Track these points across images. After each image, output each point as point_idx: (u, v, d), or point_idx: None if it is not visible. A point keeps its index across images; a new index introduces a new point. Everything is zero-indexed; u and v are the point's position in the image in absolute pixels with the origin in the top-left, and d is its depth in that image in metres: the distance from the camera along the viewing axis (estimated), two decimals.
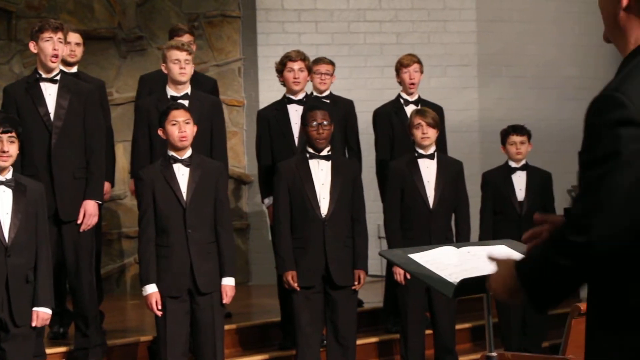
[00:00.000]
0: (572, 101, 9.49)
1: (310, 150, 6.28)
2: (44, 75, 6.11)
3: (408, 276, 6.39)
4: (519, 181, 7.19)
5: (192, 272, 5.73)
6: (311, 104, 6.51)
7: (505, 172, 7.24)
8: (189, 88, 6.48)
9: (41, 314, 5.31)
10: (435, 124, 6.54)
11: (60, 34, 6.06)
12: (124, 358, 6.55)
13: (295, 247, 6.23)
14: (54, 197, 5.97)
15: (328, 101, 7.12)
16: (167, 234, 5.74)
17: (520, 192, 7.16)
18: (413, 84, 7.26)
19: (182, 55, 6.37)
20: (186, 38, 7.13)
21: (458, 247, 3.76)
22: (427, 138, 6.54)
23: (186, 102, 6.29)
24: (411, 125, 6.59)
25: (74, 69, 6.76)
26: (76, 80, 6.42)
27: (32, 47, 6.12)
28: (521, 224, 7.03)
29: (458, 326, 6.93)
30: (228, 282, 5.82)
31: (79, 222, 6.06)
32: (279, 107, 6.94)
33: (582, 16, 9.89)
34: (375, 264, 7.89)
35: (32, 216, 5.34)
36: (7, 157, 5.30)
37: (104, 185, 6.42)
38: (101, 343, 6.26)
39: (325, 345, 6.34)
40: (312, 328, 6.21)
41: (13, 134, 5.32)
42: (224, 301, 5.83)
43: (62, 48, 6.15)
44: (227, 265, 5.83)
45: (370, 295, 7.67)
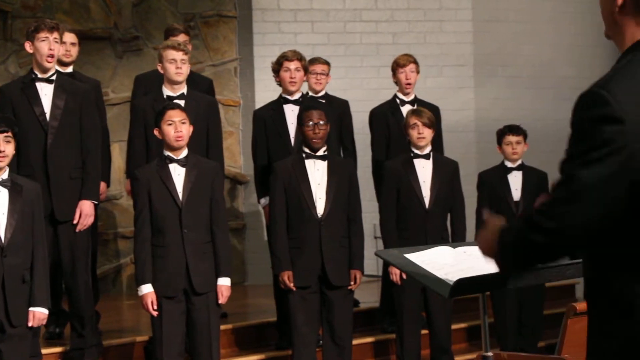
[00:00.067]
0: (568, 101, 9.34)
1: (306, 150, 6.28)
2: (40, 75, 6.11)
3: (404, 276, 6.39)
4: (515, 181, 7.19)
5: (188, 272, 5.72)
6: (307, 104, 6.51)
7: (501, 172, 7.24)
8: (185, 88, 6.47)
9: (37, 314, 5.31)
10: (431, 124, 6.54)
11: (56, 34, 6.06)
12: (120, 358, 6.55)
13: (291, 247, 6.22)
14: (50, 197, 5.97)
15: (324, 101, 7.12)
16: (163, 234, 5.74)
17: (516, 192, 7.16)
18: (409, 84, 7.26)
19: (179, 55, 6.37)
20: (182, 38, 7.13)
21: (454, 247, 3.76)
22: (423, 138, 6.54)
23: (182, 102, 6.29)
24: (407, 125, 6.59)
25: (70, 69, 6.76)
26: (72, 80, 6.42)
27: (28, 47, 6.12)
28: None
29: (454, 326, 6.93)
30: (224, 282, 5.82)
31: (75, 222, 6.06)
32: (275, 107, 6.94)
33: (578, 16, 9.89)
34: (371, 264, 7.88)
35: (29, 216, 5.33)
36: (3, 157, 5.29)
37: (100, 185, 6.41)
38: (97, 343, 6.26)
39: (321, 345, 6.34)
40: (308, 328, 6.21)
41: (9, 134, 5.32)
42: (220, 301, 5.83)
43: (58, 48, 6.14)
44: (223, 265, 5.83)
45: (366, 295, 7.67)
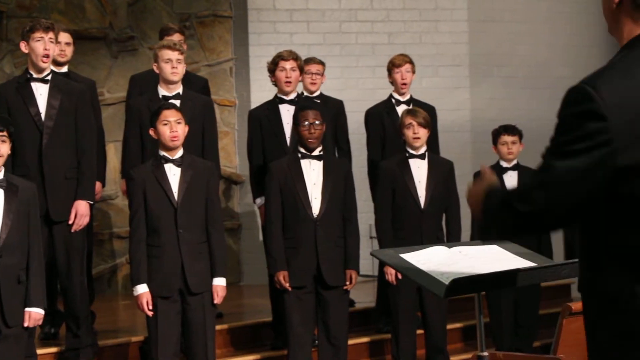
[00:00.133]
0: None
1: (301, 150, 6.28)
2: (35, 75, 6.10)
3: (399, 276, 6.39)
4: (511, 181, 7.19)
5: (183, 272, 5.72)
6: (303, 104, 6.50)
7: (496, 172, 7.20)
8: (181, 88, 6.47)
9: (33, 315, 5.30)
10: (426, 124, 6.54)
11: (51, 34, 6.05)
12: (115, 358, 6.54)
13: (286, 247, 6.22)
14: (45, 197, 5.96)
15: (319, 101, 7.12)
16: (158, 234, 5.73)
17: None
18: (405, 84, 7.26)
19: (174, 54, 6.36)
20: (176, 37, 7.12)
21: (449, 247, 3.76)
22: (418, 138, 6.54)
23: (178, 102, 6.29)
24: (402, 125, 6.59)
25: (64, 69, 6.75)
26: (67, 80, 6.41)
27: (23, 47, 6.11)
28: None
29: (449, 326, 6.93)
30: (219, 282, 5.82)
31: (71, 223, 6.05)
32: (271, 107, 6.93)
33: (574, 16, 9.90)
34: (366, 264, 7.88)
35: (24, 216, 5.32)
36: None
37: (95, 185, 6.41)
38: (92, 343, 6.25)
39: (316, 345, 6.34)
40: (304, 328, 6.21)
41: (4, 134, 5.31)
42: (215, 301, 5.82)
43: (53, 48, 6.14)
44: (218, 265, 5.82)
45: (361, 295, 7.67)
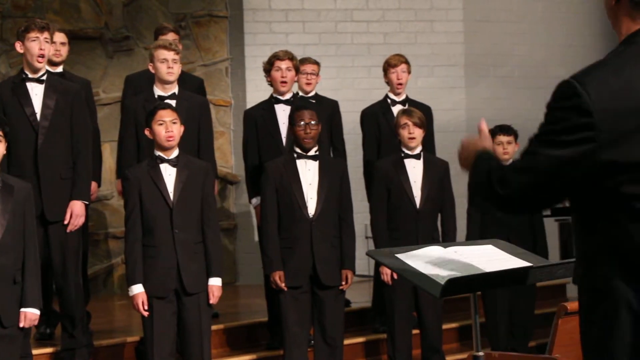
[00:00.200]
0: None
1: (297, 150, 6.27)
2: (30, 75, 6.09)
3: (395, 276, 6.39)
4: None
5: (179, 273, 5.71)
6: (299, 104, 6.50)
7: None
8: (177, 88, 6.46)
9: (29, 315, 5.28)
10: (421, 124, 6.54)
11: (46, 34, 6.05)
12: (111, 359, 6.53)
13: (282, 247, 6.22)
14: (41, 198, 5.95)
15: (314, 101, 7.12)
16: (154, 234, 5.73)
17: None
18: (400, 84, 7.26)
19: (170, 54, 6.36)
20: (171, 36, 7.11)
21: (445, 247, 3.76)
22: (414, 138, 6.54)
23: (173, 102, 6.28)
24: (397, 125, 6.59)
25: (59, 69, 6.74)
26: (62, 80, 6.41)
27: (19, 47, 6.10)
28: (508, 224, 7.04)
29: (445, 326, 6.93)
30: (215, 282, 5.82)
31: (66, 223, 6.04)
32: (266, 107, 6.93)
33: (571, 16, 9.91)
34: (362, 264, 7.88)
35: (20, 216, 5.31)
36: None
37: (91, 185, 6.40)
38: (88, 344, 6.25)
39: (312, 345, 6.34)
40: (300, 328, 6.21)
41: (0, 134, 5.30)
42: (211, 301, 5.82)
43: (49, 48, 6.13)
44: (214, 265, 5.82)
45: (357, 295, 7.67)
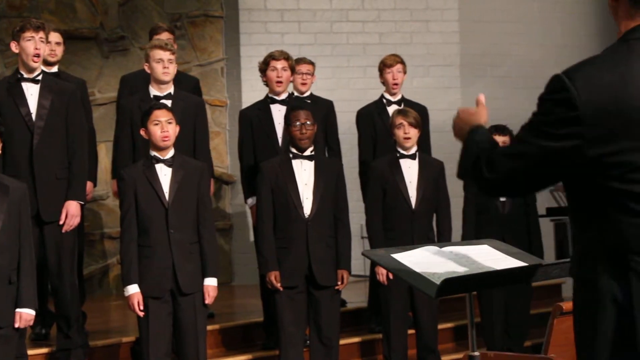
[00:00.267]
0: None
1: (293, 150, 6.27)
2: (26, 75, 6.09)
3: (391, 276, 6.39)
4: None
5: (174, 273, 5.71)
6: (294, 104, 6.50)
7: None
8: (172, 88, 6.46)
9: (24, 315, 5.27)
10: (417, 124, 6.54)
11: (41, 34, 6.04)
12: (107, 359, 6.53)
13: (278, 247, 6.22)
14: (36, 198, 5.94)
15: (309, 101, 7.12)
16: (149, 234, 5.72)
17: None
18: (396, 84, 7.26)
19: (166, 54, 6.35)
20: (165, 36, 7.10)
21: (441, 247, 3.76)
22: (409, 138, 6.54)
23: (169, 102, 6.28)
24: (393, 125, 6.59)
25: (55, 69, 6.74)
26: (58, 80, 6.40)
27: (14, 47, 6.09)
28: (504, 224, 7.05)
29: (441, 326, 6.93)
30: (210, 283, 5.81)
31: (61, 223, 6.04)
32: (262, 107, 6.92)
33: (566, 16, 9.91)
34: (358, 264, 7.88)
35: (15, 216, 5.30)
36: None
37: (86, 185, 6.39)
38: (83, 344, 6.24)
39: (308, 345, 6.34)
40: (295, 328, 6.20)
41: None
42: (206, 301, 5.81)
43: (44, 47, 6.12)
44: (210, 265, 5.81)
45: (353, 295, 7.67)
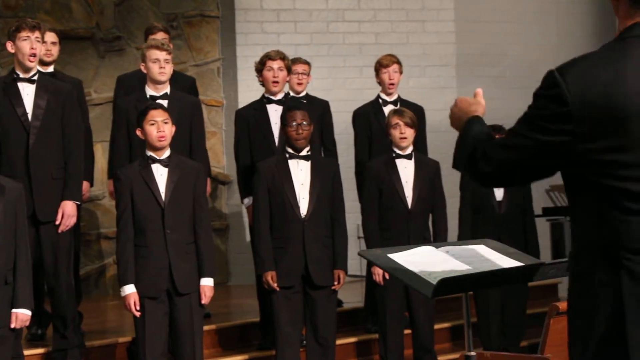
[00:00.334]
0: None
1: (289, 150, 6.27)
2: (22, 75, 6.08)
3: (387, 276, 6.39)
4: None
5: (171, 273, 5.71)
6: (290, 105, 6.50)
7: None
8: (169, 88, 6.46)
9: (20, 315, 5.27)
10: (413, 124, 6.54)
11: (37, 33, 6.04)
12: (103, 359, 6.52)
13: (274, 247, 6.21)
14: (32, 198, 5.94)
15: (305, 101, 7.12)
16: (146, 235, 5.72)
17: (498, 192, 7.16)
18: (392, 84, 7.27)
19: (162, 54, 6.35)
20: (160, 36, 7.10)
21: (437, 247, 3.76)
22: (405, 138, 6.54)
23: (165, 102, 6.28)
24: (389, 125, 6.59)
25: (50, 69, 6.73)
26: (54, 80, 6.39)
27: (10, 47, 6.09)
28: (500, 224, 7.05)
29: (437, 326, 6.93)
30: (207, 283, 5.81)
31: (57, 223, 6.03)
32: (258, 107, 6.92)
33: (563, 16, 9.92)
34: (354, 264, 7.88)
35: (11, 216, 5.29)
36: None
37: (83, 185, 6.39)
38: (79, 344, 6.23)
39: (304, 345, 6.34)
40: (292, 328, 6.20)
41: None
42: (203, 301, 5.81)
43: (40, 47, 6.12)
44: (206, 265, 5.81)
45: (349, 295, 7.67)
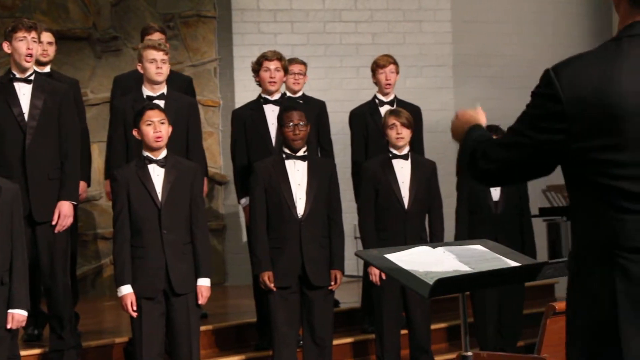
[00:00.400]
0: None
1: (286, 150, 6.27)
2: (18, 75, 6.07)
3: (383, 276, 6.40)
4: None
5: (167, 273, 5.70)
6: (287, 105, 6.50)
7: None
8: (165, 88, 6.45)
9: (16, 316, 5.26)
10: (409, 124, 6.54)
11: (34, 34, 6.03)
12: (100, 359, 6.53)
13: (271, 248, 6.21)
14: (28, 198, 5.93)
15: (301, 101, 7.12)
16: (142, 235, 5.72)
17: (495, 192, 7.17)
18: (389, 85, 7.27)
19: (159, 55, 6.35)
20: (157, 36, 7.09)
21: (434, 247, 3.76)
22: (402, 138, 6.54)
23: (162, 102, 6.27)
24: (385, 125, 6.59)
25: (47, 69, 6.72)
26: (50, 80, 6.39)
27: (6, 47, 6.09)
28: (497, 224, 7.06)
29: (434, 326, 6.94)
30: (203, 283, 5.81)
31: (54, 223, 6.03)
32: (255, 107, 6.92)
33: (560, 16, 9.93)
34: (351, 264, 7.88)
35: (7, 217, 5.29)
36: None
37: (80, 185, 6.38)
38: (76, 345, 6.23)
39: (301, 345, 6.34)
40: (289, 328, 6.20)
41: None
42: (200, 302, 5.81)
43: (36, 47, 6.12)
44: (203, 265, 5.81)
45: (346, 295, 7.67)
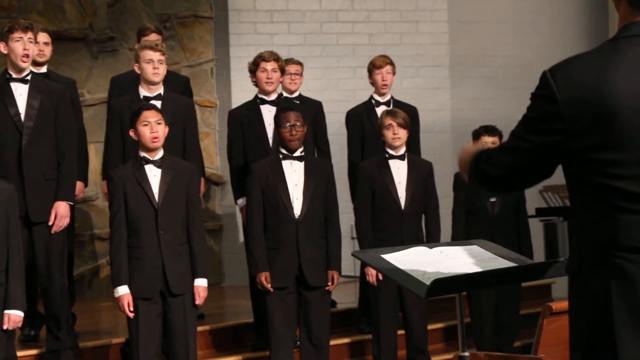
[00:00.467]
0: None
1: (283, 151, 6.28)
2: (15, 75, 6.07)
3: (380, 277, 6.40)
4: None
5: (164, 274, 5.70)
6: (284, 105, 6.50)
7: None
8: (162, 88, 6.45)
9: (13, 317, 5.26)
10: (405, 125, 6.55)
11: (30, 34, 6.03)
12: None
13: (268, 248, 6.21)
14: (25, 198, 5.93)
15: (298, 102, 7.12)
16: (139, 236, 5.71)
17: None
18: (385, 85, 7.27)
19: (156, 55, 6.35)
20: (153, 37, 7.09)
21: (430, 247, 3.76)
22: (398, 139, 6.54)
23: (159, 103, 6.27)
24: (382, 125, 6.59)
25: (43, 69, 6.72)
26: (47, 80, 6.38)
27: (2, 48, 6.08)
28: (493, 224, 7.06)
29: (431, 326, 6.94)
30: (200, 283, 5.81)
31: (50, 224, 6.02)
32: (252, 108, 6.92)
33: (556, 17, 9.93)
34: (348, 265, 7.88)
35: (3, 217, 5.28)
36: None
37: (77, 185, 6.38)
38: (73, 345, 6.23)
39: (298, 345, 6.34)
40: (285, 328, 6.20)
41: None
42: (197, 302, 5.81)
43: (33, 48, 6.11)
44: (200, 266, 5.81)
45: (343, 295, 7.67)
